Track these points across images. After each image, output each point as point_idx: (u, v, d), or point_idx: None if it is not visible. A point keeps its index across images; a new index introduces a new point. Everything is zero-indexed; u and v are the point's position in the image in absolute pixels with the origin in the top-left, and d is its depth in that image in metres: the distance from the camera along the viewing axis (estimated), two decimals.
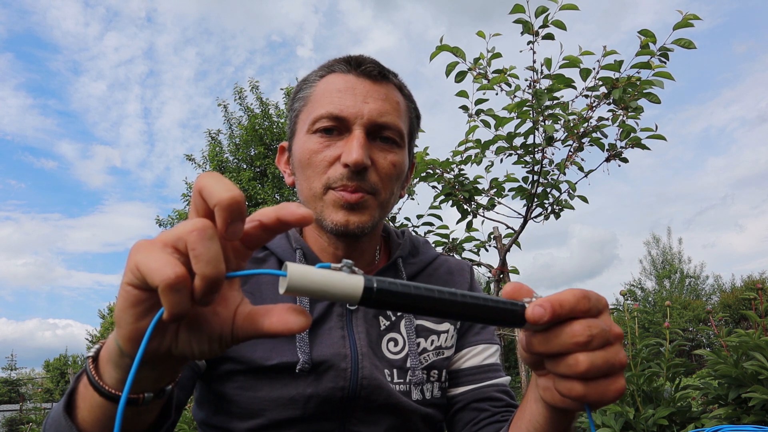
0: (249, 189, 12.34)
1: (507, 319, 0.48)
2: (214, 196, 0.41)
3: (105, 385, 0.49)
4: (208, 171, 0.45)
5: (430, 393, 0.90)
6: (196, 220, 0.41)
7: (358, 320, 0.88)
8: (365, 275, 0.44)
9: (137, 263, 0.41)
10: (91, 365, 0.51)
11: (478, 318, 0.47)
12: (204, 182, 0.42)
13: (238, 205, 0.41)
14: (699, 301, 23.60)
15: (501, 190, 2.87)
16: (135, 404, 0.50)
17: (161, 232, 0.42)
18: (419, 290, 0.45)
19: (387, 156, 0.86)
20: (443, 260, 1.03)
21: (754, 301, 2.46)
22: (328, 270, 0.43)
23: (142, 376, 0.48)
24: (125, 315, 0.43)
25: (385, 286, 0.44)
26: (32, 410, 11.90)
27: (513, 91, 2.53)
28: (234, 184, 0.42)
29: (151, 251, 0.41)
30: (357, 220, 0.83)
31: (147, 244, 0.42)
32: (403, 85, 0.92)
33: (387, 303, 0.44)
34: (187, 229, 0.40)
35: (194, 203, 0.44)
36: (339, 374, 0.82)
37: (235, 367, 0.82)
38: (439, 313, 0.46)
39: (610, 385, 0.48)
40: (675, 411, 2.25)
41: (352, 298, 0.43)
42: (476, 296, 0.47)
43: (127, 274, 0.42)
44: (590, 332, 0.47)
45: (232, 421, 0.83)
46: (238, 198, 0.41)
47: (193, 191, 0.43)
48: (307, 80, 0.91)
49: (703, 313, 19.27)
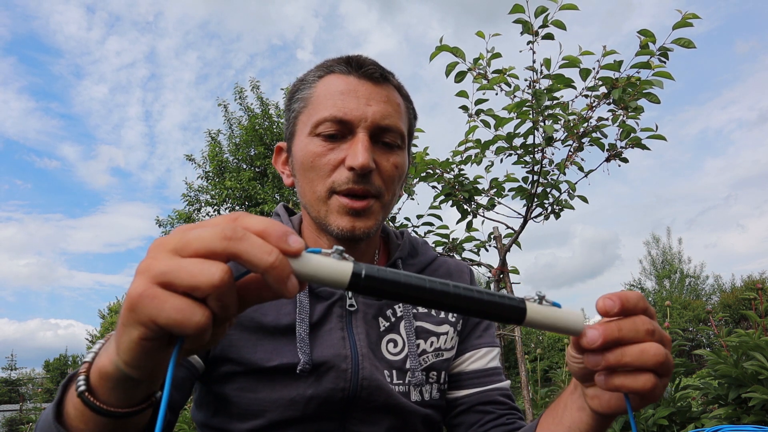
0: (249, 189, 12.34)
1: (505, 315, 0.48)
2: (264, 260, 0.40)
3: (104, 405, 0.49)
4: (254, 216, 0.43)
5: (429, 394, 0.90)
6: (217, 270, 0.39)
7: (358, 321, 0.88)
8: (355, 261, 0.44)
9: (154, 318, 0.39)
10: (83, 377, 0.50)
11: (473, 311, 0.46)
12: (249, 243, 0.40)
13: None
14: (699, 301, 23.59)
15: (501, 190, 2.87)
16: (132, 416, 0.51)
17: (155, 270, 0.40)
18: (409, 278, 0.44)
19: (390, 158, 0.86)
20: (442, 261, 1.03)
21: (754, 301, 2.45)
22: (318, 255, 0.43)
23: (139, 391, 0.49)
24: (136, 355, 0.43)
25: (373, 273, 0.43)
26: (32, 410, 11.88)
27: (513, 91, 2.52)
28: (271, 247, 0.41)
29: (166, 301, 0.39)
30: (363, 226, 0.83)
31: (154, 293, 0.40)
32: (401, 85, 0.92)
33: (375, 290, 0.44)
34: (209, 279, 0.39)
35: (226, 236, 0.41)
36: (339, 375, 0.82)
37: (235, 368, 0.82)
38: (429, 303, 0.45)
39: (665, 381, 0.53)
40: (675, 411, 2.25)
41: (340, 283, 0.43)
42: (471, 288, 0.46)
43: (137, 327, 0.41)
44: (655, 326, 0.52)
45: (231, 422, 0.83)
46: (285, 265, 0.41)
47: (232, 226, 0.41)
48: (305, 80, 0.90)
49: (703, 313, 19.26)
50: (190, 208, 13.27)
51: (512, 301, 0.48)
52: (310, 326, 0.84)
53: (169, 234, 0.43)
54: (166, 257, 0.41)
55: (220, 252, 0.40)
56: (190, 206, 13.28)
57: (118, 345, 0.43)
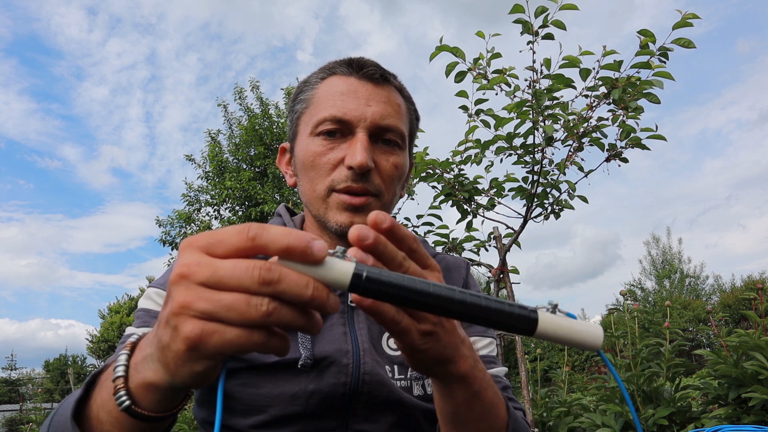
0: (249, 189, 12.34)
1: (515, 325, 0.44)
2: (304, 294, 0.42)
3: (150, 413, 0.50)
4: (272, 230, 0.43)
5: (431, 388, 0.90)
6: (263, 303, 0.41)
7: (359, 317, 0.89)
8: (358, 263, 0.43)
9: (221, 351, 0.42)
10: (123, 391, 0.50)
11: (480, 319, 0.44)
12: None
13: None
14: (699, 301, 23.59)
15: (501, 190, 2.87)
16: (167, 419, 0.53)
17: (199, 308, 0.42)
18: (414, 282, 0.43)
19: (389, 158, 0.87)
20: (441, 258, 1.03)
21: (754, 301, 2.46)
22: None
23: (176, 397, 0.51)
24: (198, 379, 0.45)
25: (375, 275, 0.42)
26: (32, 410, 11.88)
27: (513, 91, 2.52)
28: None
29: (225, 333, 0.42)
30: (361, 222, 0.84)
31: (212, 328, 0.42)
32: (402, 86, 0.93)
33: (376, 292, 0.42)
34: (258, 314, 0.42)
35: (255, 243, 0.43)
36: (341, 370, 0.83)
37: (236, 364, 0.83)
38: (432, 309, 0.43)
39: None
40: (675, 411, 2.25)
41: (341, 283, 0.42)
42: (479, 295, 0.44)
43: (202, 362, 0.43)
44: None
45: (233, 418, 0.84)
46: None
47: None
48: (308, 82, 0.92)
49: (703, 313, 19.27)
50: (190, 208, 13.26)
51: (523, 311, 0.45)
52: None
53: (191, 263, 0.43)
54: (205, 293, 0.42)
55: (259, 295, 0.42)
56: (190, 206, 13.27)
57: (177, 374, 0.45)
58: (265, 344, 0.43)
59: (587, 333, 0.47)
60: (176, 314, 0.42)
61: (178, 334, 0.42)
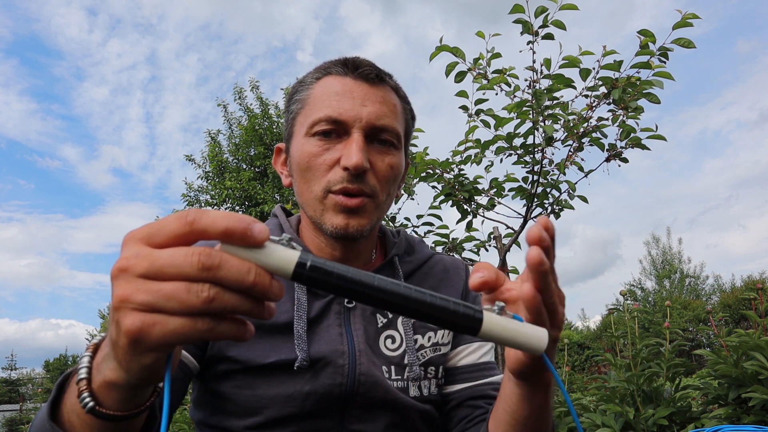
0: (249, 189, 12.33)
1: (459, 323, 0.45)
2: (246, 280, 0.42)
3: (115, 413, 0.50)
4: (210, 213, 0.42)
5: (427, 390, 0.90)
6: (203, 289, 0.41)
7: (355, 318, 0.88)
8: (303, 251, 0.43)
9: (165, 341, 0.41)
10: (86, 393, 0.50)
11: (423, 315, 0.44)
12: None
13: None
14: (699, 301, 23.58)
15: (501, 190, 2.87)
16: (141, 413, 0.52)
17: (138, 300, 0.41)
18: (358, 274, 0.43)
19: (385, 158, 0.86)
20: (438, 259, 1.03)
21: (754, 301, 2.46)
22: (269, 242, 0.42)
23: (146, 393, 0.51)
24: (150, 373, 0.45)
25: (319, 264, 0.42)
26: (32, 410, 11.89)
27: (513, 91, 2.52)
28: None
29: (168, 324, 0.41)
30: (356, 224, 0.84)
31: (152, 320, 0.41)
32: (398, 86, 0.93)
33: (320, 282, 0.42)
34: (198, 301, 0.41)
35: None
36: (336, 371, 0.83)
37: (232, 366, 0.83)
38: (377, 302, 0.43)
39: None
40: (675, 411, 2.25)
41: (285, 270, 0.42)
42: (424, 292, 0.44)
43: (149, 354, 0.43)
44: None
45: (230, 419, 0.83)
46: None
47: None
48: (303, 82, 0.91)
49: (703, 313, 19.26)
50: (190, 208, 13.24)
51: (468, 310, 0.45)
52: (308, 323, 0.85)
53: (130, 256, 0.42)
54: (144, 285, 0.41)
55: (199, 281, 0.41)
56: (190, 206, 13.25)
57: (128, 368, 0.45)
58: (212, 331, 0.42)
59: (531, 336, 0.47)
60: (117, 309, 0.42)
61: (120, 329, 0.42)
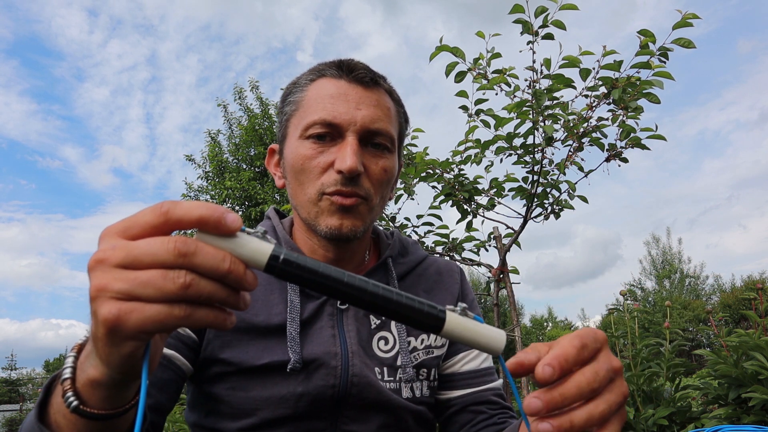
0: (249, 189, 12.33)
1: (422, 321, 0.47)
2: (220, 268, 0.42)
3: (100, 411, 0.50)
4: (184, 204, 0.43)
5: (420, 391, 0.91)
6: (179, 276, 0.41)
7: (348, 319, 0.89)
8: (277, 245, 0.44)
9: (143, 329, 0.42)
10: (70, 392, 0.50)
11: (389, 312, 0.46)
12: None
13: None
14: (699, 301, 23.58)
15: (501, 190, 2.87)
16: (126, 412, 0.52)
17: (115, 289, 0.41)
18: (328, 270, 0.45)
19: (379, 162, 0.86)
20: (432, 260, 1.03)
21: (754, 301, 2.45)
22: (241, 232, 0.44)
23: (131, 389, 0.51)
24: (130, 364, 0.45)
25: (292, 258, 0.44)
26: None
27: (512, 91, 2.52)
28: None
29: (144, 311, 0.41)
30: (350, 224, 0.84)
31: (129, 307, 0.41)
32: (392, 89, 0.93)
33: (292, 275, 0.44)
34: (175, 288, 0.42)
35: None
36: (329, 372, 0.83)
37: (225, 369, 0.83)
38: (345, 297, 0.45)
39: (622, 412, 0.49)
40: (675, 411, 2.25)
41: (258, 262, 0.43)
42: (391, 290, 0.46)
43: (128, 343, 0.43)
44: (598, 371, 0.46)
45: (223, 421, 0.84)
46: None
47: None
48: (297, 84, 0.91)
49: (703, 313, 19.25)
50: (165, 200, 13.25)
51: (432, 309, 0.47)
52: (301, 324, 0.85)
53: (107, 248, 0.42)
54: (121, 274, 0.41)
55: (175, 268, 0.41)
56: None
57: (109, 361, 0.45)
58: (189, 318, 0.42)
59: (490, 337, 0.49)
60: (94, 299, 0.42)
61: (98, 319, 0.42)
